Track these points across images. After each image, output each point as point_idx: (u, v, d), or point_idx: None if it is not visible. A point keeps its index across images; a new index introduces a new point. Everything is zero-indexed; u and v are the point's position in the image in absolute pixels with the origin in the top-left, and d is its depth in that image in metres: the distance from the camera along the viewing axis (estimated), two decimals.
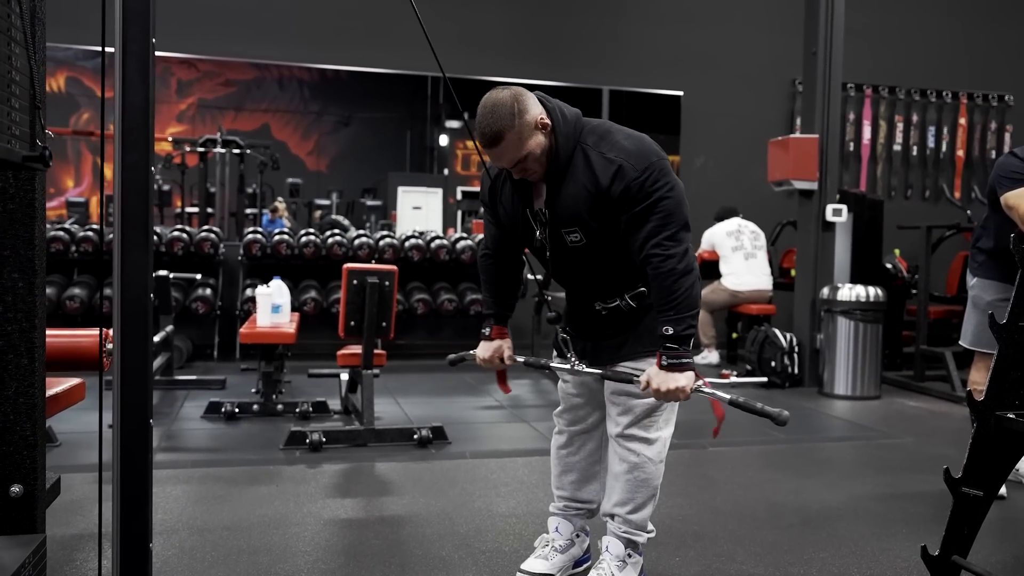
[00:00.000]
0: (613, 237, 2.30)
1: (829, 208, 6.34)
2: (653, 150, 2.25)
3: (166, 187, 9.91)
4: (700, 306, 2.26)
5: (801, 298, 6.53)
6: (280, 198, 9.30)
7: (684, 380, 2.16)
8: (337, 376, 5.15)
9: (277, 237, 7.05)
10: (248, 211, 9.53)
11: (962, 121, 9.70)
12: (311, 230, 7.29)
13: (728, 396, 2.14)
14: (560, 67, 8.95)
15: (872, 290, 6.03)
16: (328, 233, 7.19)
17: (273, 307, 4.94)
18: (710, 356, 7.47)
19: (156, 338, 5.23)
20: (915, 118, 9.59)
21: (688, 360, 2.17)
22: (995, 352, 3.61)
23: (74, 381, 2.83)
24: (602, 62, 9.11)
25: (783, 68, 9.13)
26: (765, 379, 6.41)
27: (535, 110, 2.26)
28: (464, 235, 7.60)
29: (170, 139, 10.12)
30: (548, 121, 2.27)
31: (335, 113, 14.38)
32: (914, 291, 7.45)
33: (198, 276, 6.27)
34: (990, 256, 3.61)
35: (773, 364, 6.39)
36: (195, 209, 9.53)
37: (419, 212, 9.57)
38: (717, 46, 9.20)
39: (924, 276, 6.56)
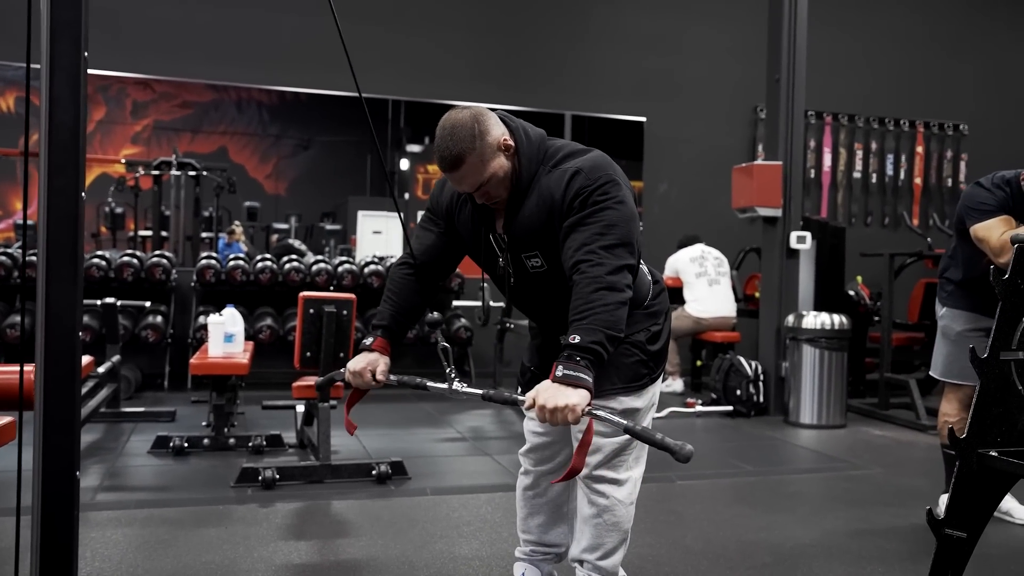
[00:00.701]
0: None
1: (793, 235, 6.31)
2: (612, 166, 2.13)
3: (119, 210, 9.66)
4: (621, 333, 2.00)
5: (766, 326, 6.48)
6: (237, 222, 9.10)
7: (576, 398, 1.85)
8: (293, 408, 4.96)
9: (232, 263, 6.85)
10: (204, 235, 9.31)
11: (919, 149, 9.81)
12: (267, 256, 7.10)
13: (624, 423, 1.84)
14: (523, 91, 8.89)
15: (837, 318, 6.00)
16: (285, 259, 7.00)
17: (226, 336, 4.75)
18: (674, 384, 7.39)
19: (101, 368, 5.01)
20: (874, 146, 9.67)
21: (586, 378, 1.89)
22: (965, 383, 3.60)
23: (5, 419, 2.64)
24: (565, 87, 9.07)
25: (745, 95, 9.16)
26: (730, 408, 6.33)
27: (497, 131, 2.13)
28: None
29: (123, 161, 9.88)
30: (511, 142, 2.15)
31: (294, 136, 14.19)
32: (876, 318, 7.46)
33: (147, 304, 6.04)
34: (959, 286, 3.57)
35: (738, 392, 6.32)
36: (149, 233, 9.30)
37: (379, 236, 9.42)
38: (680, 72, 9.21)
39: (887, 304, 6.55)
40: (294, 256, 7.15)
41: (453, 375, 2.23)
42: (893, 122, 9.69)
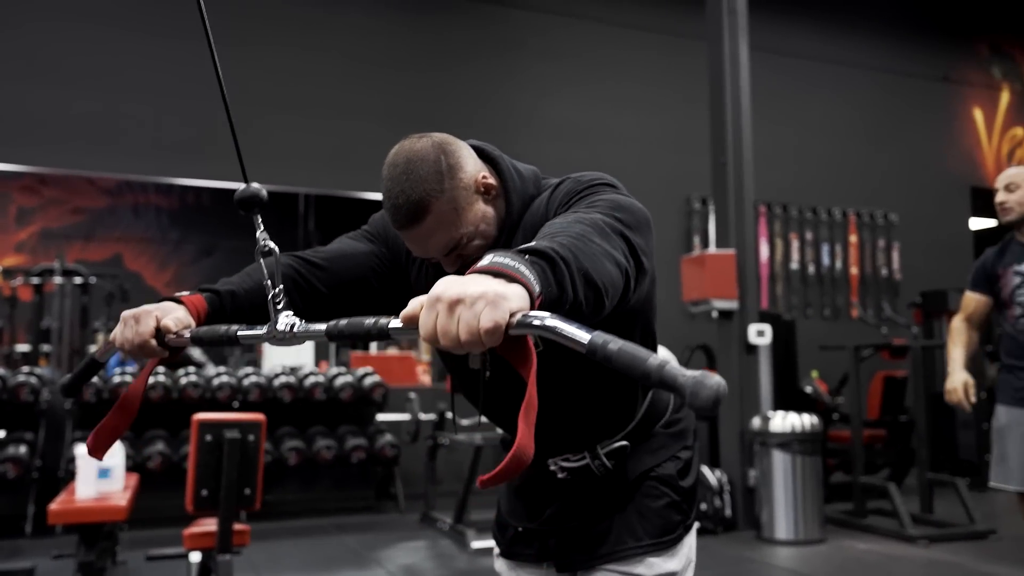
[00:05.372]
0: None
1: (752, 329, 5.78)
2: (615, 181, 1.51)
3: None
4: (602, 285, 1.16)
5: (727, 430, 5.86)
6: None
7: (507, 293, 0.94)
8: (185, 557, 4.02)
9: (117, 379, 5.90)
10: (92, 348, 8.27)
11: (853, 239, 9.61)
12: (161, 368, 6.17)
13: (588, 338, 0.92)
14: None
15: (807, 418, 5.42)
16: (181, 372, 6.08)
17: (100, 471, 3.83)
18: None
19: None
20: (809, 236, 9.42)
21: (529, 277, 1.00)
22: None
23: None
24: None
25: (678, 185, 8.82)
26: (696, 524, 5.62)
27: (471, 165, 1.45)
28: (342, 369, 6.62)
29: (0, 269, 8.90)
30: (493, 181, 1.48)
31: (196, 241, 13.34)
32: (835, 415, 6.97)
33: (1, 433, 5.04)
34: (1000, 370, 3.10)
35: (704, 507, 5.63)
36: (26, 348, 8.25)
37: (290, 347, 8.61)
38: (609, 162, 8.82)
39: (856, 400, 6.03)
40: (192, 368, 6.23)
41: (279, 303, 1.25)
42: (826, 212, 9.49)
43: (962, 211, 10.27)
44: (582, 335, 0.92)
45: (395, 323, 1.05)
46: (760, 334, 5.79)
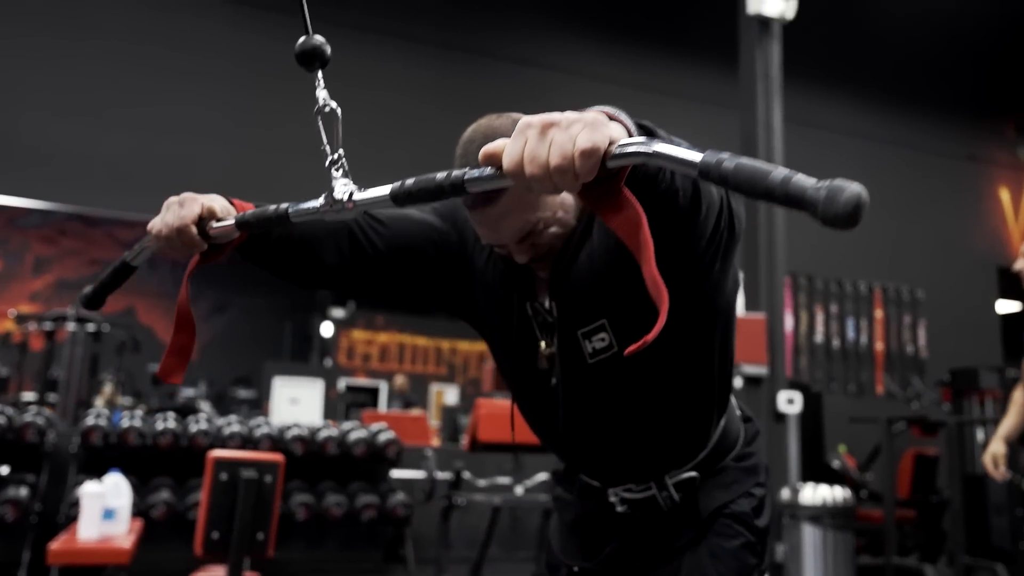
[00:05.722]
0: (668, 336, 1.28)
1: (782, 396, 5.60)
2: None
3: (3, 371, 8.53)
4: (701, 186, 1.05)
5: None
6: (110, 377, 8.01)
7: (607, 125, 0.84)
8: None
9: (126, 423, 5.72)
10: (97, 401, 8.13)
11: (879, 314, 9.46)
12: (171, 414, 6.01)
13: (699, 157, 0.82)
14: None
15: (839, 491, 5.21)
16: (191, 418, 5.91)
17: (105, 511, 3.65)
18: None
19: None
20: (834, 309, 9.28)
21: (627, 121, 0.90)
22: None
23: None
24: None
25: None
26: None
27: None
28: (356, 423, 6.43)
29: (12, 314, 8.81)
30: None
31: (210, 298, 13.28)
32: (863, 492, 6.70)
33: (3, 470, 4.85)
34: None
35: None
36: (33, 396, 8.11)
37: (296, 406, 8.47)
38: None
39: (888, 477, 5.81)
40: (201, 415, 6.06)
41: (338, 167, 1.13)
42: (852, 285, 9.37)
43: (989, 290, 10.14)
44: (692, 155, 0.81)
45: (472, 172, 0.91)
46: (790, 402, 5.61)
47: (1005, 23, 9.50)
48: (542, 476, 5.24)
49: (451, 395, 14.25)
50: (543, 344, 1.40)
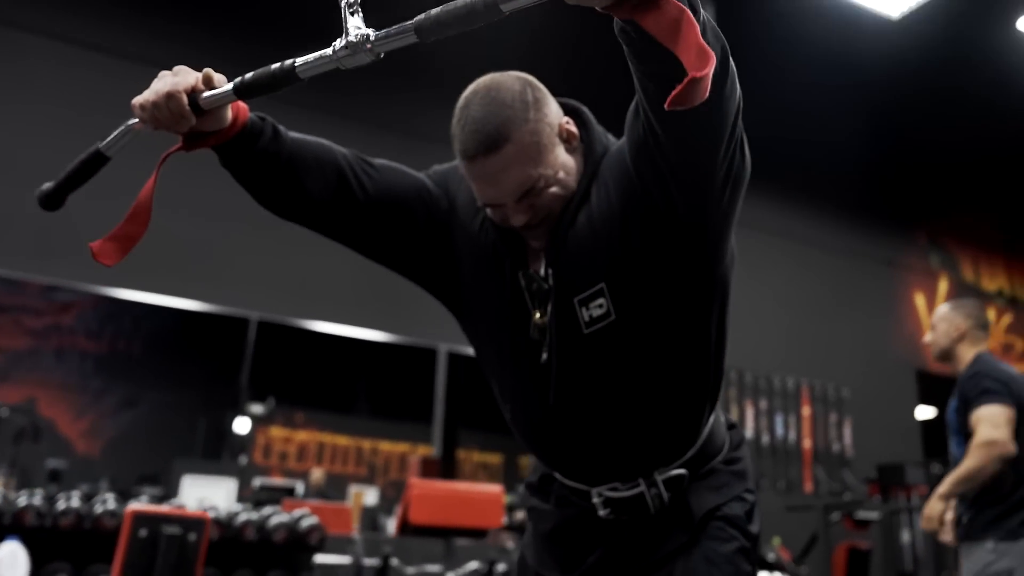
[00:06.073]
0: (667, 305, 1.26)
1: None
2: None
3: None
4: (728, 57, 1.03)
5: None
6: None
7: None
8: None
9: (61, 505, 5.27)
10: None
11: (806, 411, 9.54)
12: (74, 492, 5.55)
13: None
14: (399, 323, 8.08)
15: None
16: (98, 499, 5.47)
17: None
18: None
19: None
20: (763, 404, 9.33)
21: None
22: None
23: None
24: (440, 323, 8.33)
25: None
26: None
27: (556, 108, 1.29)
28: (277, 508, 6.06)
29: None
30: (576, 130, 1.30)
31: (119, 392, 12.66)
32: None
33: None
34: None
35: None
36: None
37: (208, 505, 8.02)
38: None
39: (825, 566, 5.71)
40: (108, 496, 5.62)
41: (352, 7, 1.00)
42: (780, 380, 9.47)
43: (909, 392, 10.36)
44: None
45: None
46: None
47: (905, 143, 10.06)
48: (474, 565, 5.00)
49: (371, 496, 13.75)
50: (536, 315, 1.30)
